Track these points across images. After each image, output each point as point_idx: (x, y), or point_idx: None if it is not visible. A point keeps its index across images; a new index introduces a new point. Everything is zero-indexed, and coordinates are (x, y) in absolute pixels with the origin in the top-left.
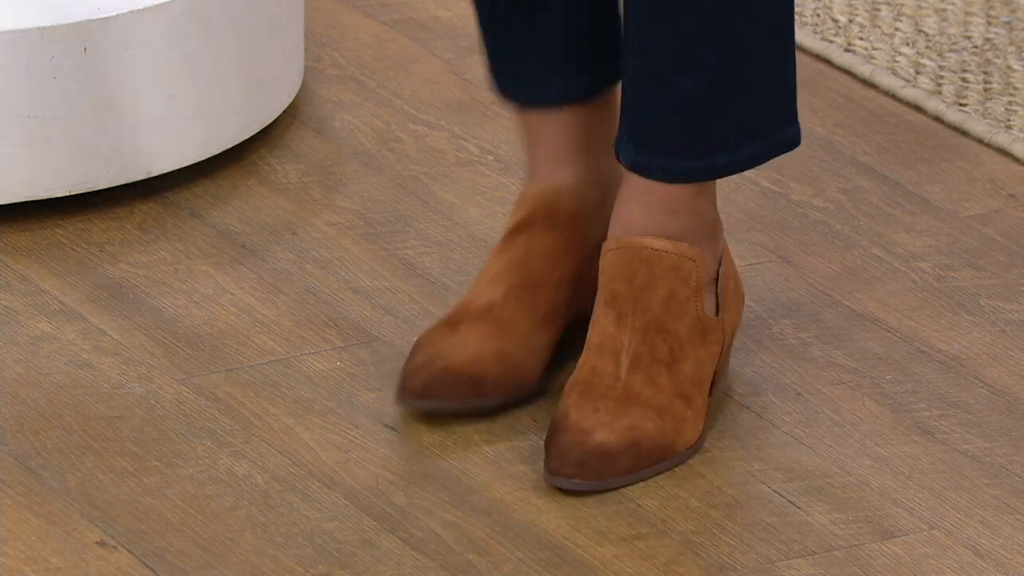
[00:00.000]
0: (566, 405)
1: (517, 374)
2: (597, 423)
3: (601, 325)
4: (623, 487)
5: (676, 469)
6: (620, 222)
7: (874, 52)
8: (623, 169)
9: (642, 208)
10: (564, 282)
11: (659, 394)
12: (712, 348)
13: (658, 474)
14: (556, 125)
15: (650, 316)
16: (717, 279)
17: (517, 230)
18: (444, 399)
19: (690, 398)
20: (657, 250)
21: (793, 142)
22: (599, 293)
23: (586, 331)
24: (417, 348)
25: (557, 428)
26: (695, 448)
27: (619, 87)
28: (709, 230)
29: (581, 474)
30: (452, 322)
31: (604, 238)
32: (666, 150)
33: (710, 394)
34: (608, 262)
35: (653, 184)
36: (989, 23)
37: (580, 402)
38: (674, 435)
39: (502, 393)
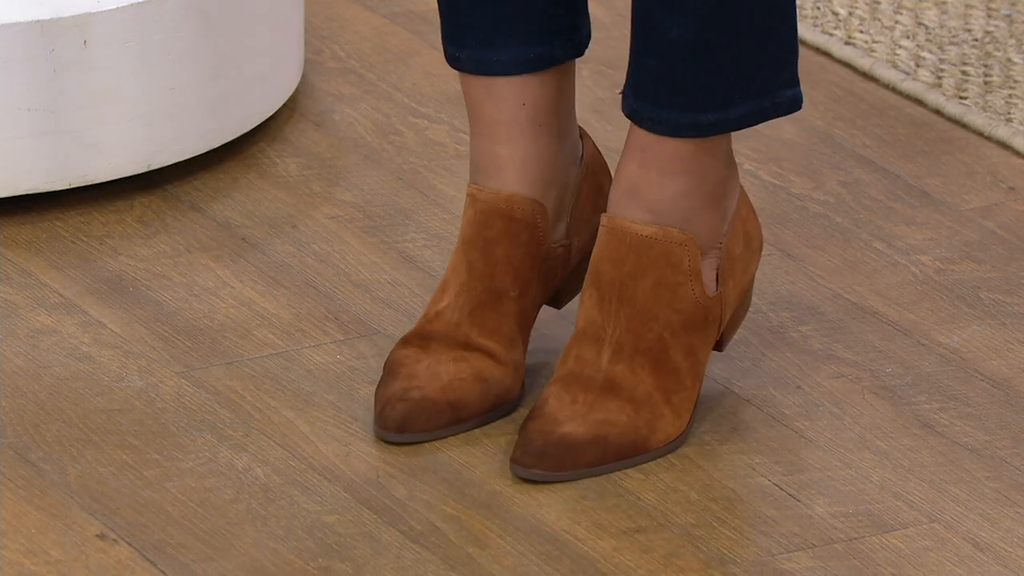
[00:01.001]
0: (547, 393)
1: (494, 394)
2: (571, 415)
3: (586, 308)
4: (583, 479)
5: (675, 462)
6: (618, 186)
7: (874, 45)
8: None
9: (640, 168)
10: (528, 287)
11: (639, 386)
12: (709, 329)
13: (630, 467)
14: (507, 100)
15: (636, 306)
16: (721, 246)
17: (475, 236)
18: (423, 430)
19: (671, 391)
20: (646, 237)
21: (792, 105)
22: (588, 272)
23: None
24: (391, 371)
25: (531, 416)
26: (675, 443)
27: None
28: (712, 191)
29: (540, 464)
30: (422, 339)
31: (571, 218)
32: (655, 100)
33: (722, 349)
34: (600, 238)
35: (650, 140)
36: (989, 16)
37: (560, 392)
38: (647, 431)
39: (481, 415)
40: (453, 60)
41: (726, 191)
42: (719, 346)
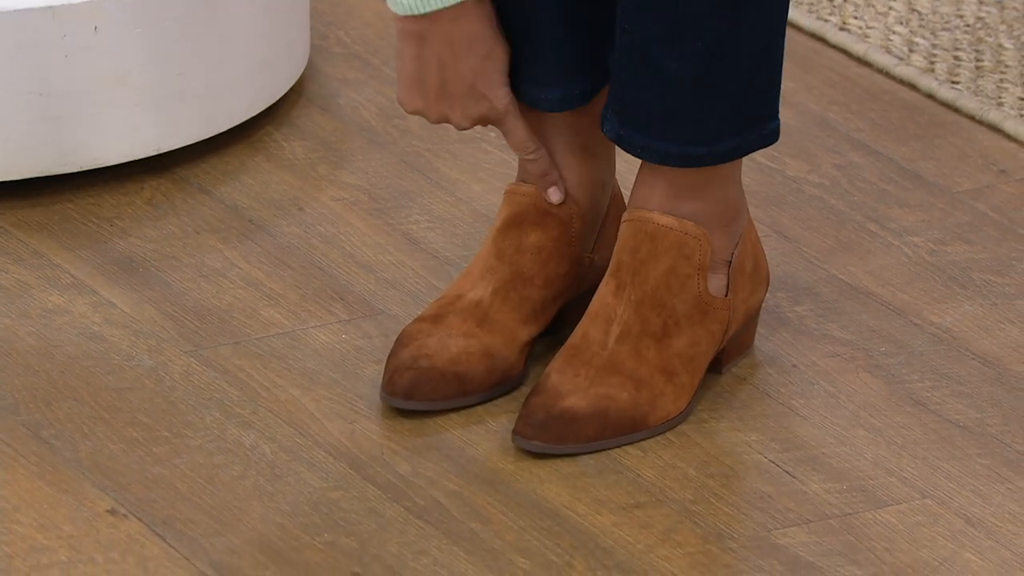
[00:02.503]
0: (551, 368)
1: (500, 371)
2: (573, 388)
3: (601, 293)
4: (585, 453)
5: (673, 439)
6: (634, 196)
7: (868, 31)
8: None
9: (650, 189)
10: (553, 280)
11: (642, 366)
12: (713, 327)
13: (629, 444)
14: (554, 127)
15: (647, 289)
16: (731, 261)
17: (508, 226)
18: (429, 399)
19: (674, 373)
20: (662, 225)
21: (771, 137)
22: (609, 265)
23: (572, 322)
24: (402, 342)
25: (535, 389)
26: (673, 422)
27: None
28: (722, 216)
29: (541, 436)
30: (437, 316)
31: (598, 237)
32: (646, 130)
33: (721, 371)
34: (620, 233)
35: (644, 170)
36: (981, 2)
37: (563, 366)
38: (648, 407)
39: (485, 390)
40: (515, 90)
41: (732, 218)
42: (718, 367)
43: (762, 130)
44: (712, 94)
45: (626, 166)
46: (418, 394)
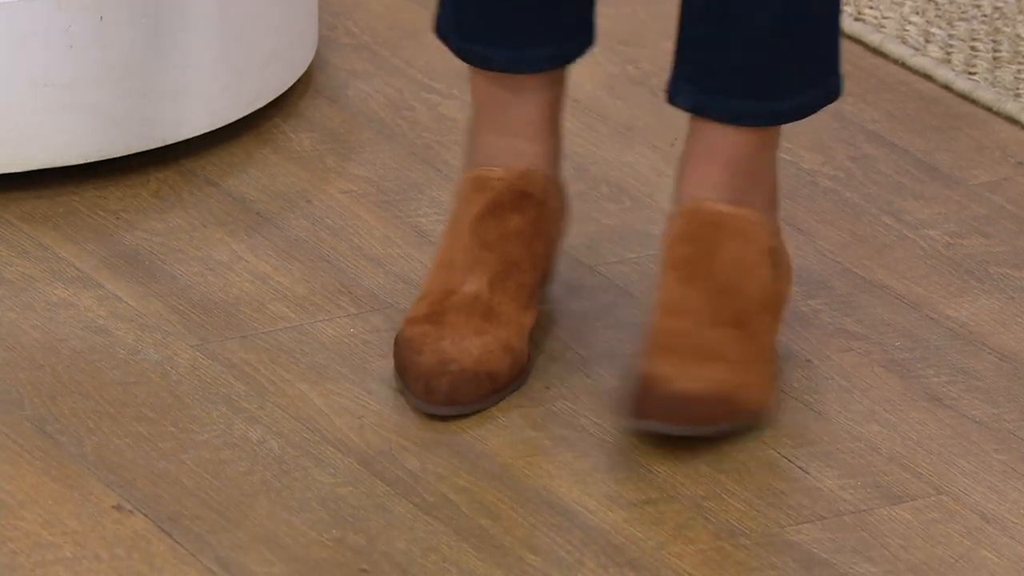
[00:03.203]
0: (645, 362)
1: (520, 363)
2: (680, 373)
3: (670, 288)
4: (711, 437)
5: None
6: (686, 187)
7: (884, 21)
8: (688, 133)
9: (706, 168)
10: (537, 262)
11: (737, 353)
12: (777, 315)
13: (745, 431)
14: (536, 93)
15: (720, 278)
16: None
17: (487, 213)
18: (469, 402)
19: (767, 361)
20: (723, 213)
21: (837, 91)
22: (663, 259)
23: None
24: (412, 348)
25: (640, 378)
26: (772, 408)
27: None
28: (770, 196)
29: (670, 418)
30: (434, 315)
31: (564, 210)
32: (730, 90)
33: None
34: (673, 227)
35: (717, 139)
36: None
37: (659, 357)
38: (756, 391)
39: (511, 383)
40: (483, 61)
41: (775, 199)
42: None
43: (831, 83)
44: (793, 43)
45: (637, 158)
46: (460, 398)
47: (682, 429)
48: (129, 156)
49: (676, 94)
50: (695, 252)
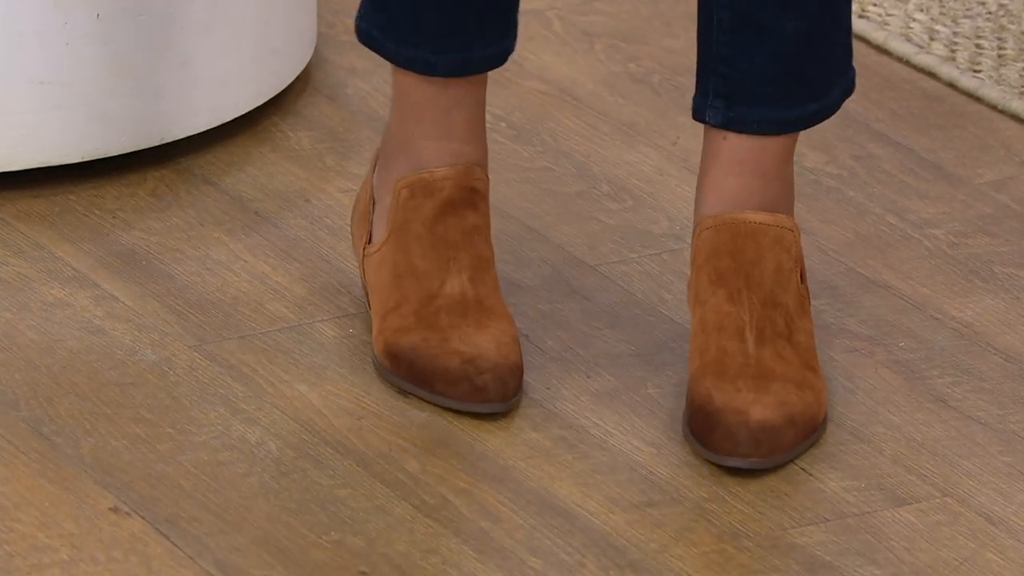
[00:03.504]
0: (704, 388)
1: (522, 353)
2: (748, 401)
3: (714, 304)
4: (789, 462)
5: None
6: (716, 197)
7: (888, 18)
8: (708, 143)
9: (739, 179)
10: (493, 254)
11: (790, 367)
12: (810, 319)
13: (811, 447)
14: (476, 94)
15: (765, 290)
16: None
17: (443, 213)
18: (515, 395)
19: (815, 369)
20: (760, 223)
21: (853, 83)
22: (699, 272)
23: None
24: (425, 355)
25: (709, 411)
26: (828, 416)
27: None
28: (792, 197)
29: (756, 453)
30: (426, 321)
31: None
32: (762, 101)
33: None
34: (707, 240)
35: (746, 150)
36: None
37: (718, 383)
38: (816, 405)
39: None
40: (426, 67)
41: (794, 199)
42: None
43: (850, 76)
44: (823, 45)
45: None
46: (508, 392)
47: (771, 461)
48: (126, 155)
49: (704, 112)
50: (738, 266)
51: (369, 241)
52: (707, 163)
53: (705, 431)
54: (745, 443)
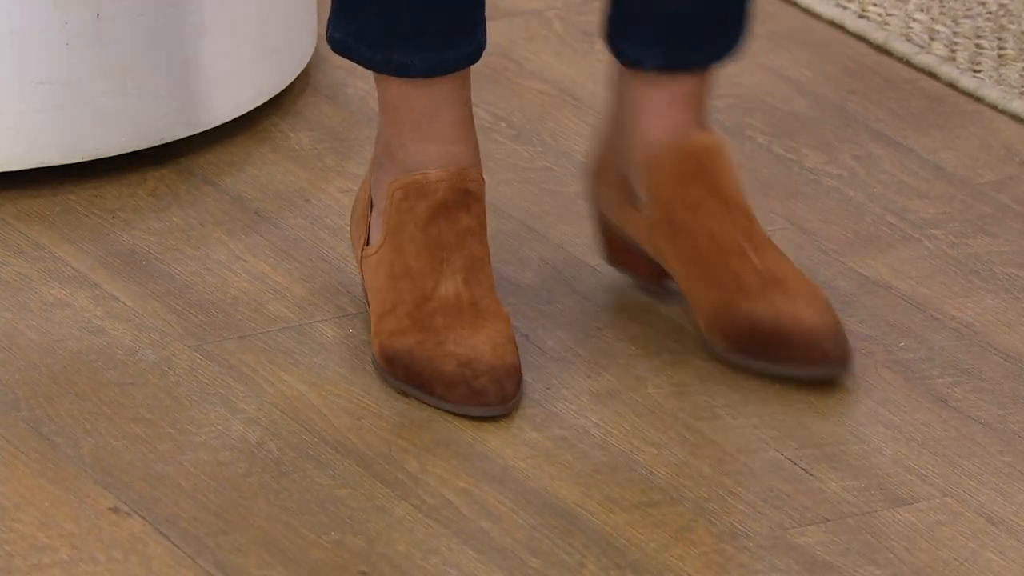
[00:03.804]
0: (748, 309)
1: (522, 353)
2: (803, 309)
3: (702, 228)
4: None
5: (688, 436)
6: (660, 129)
7: (888, 18)
8: (640, 87)
9: (684, 112)
10: (489, 255)
11: (791, 270)
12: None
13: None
14: (458, 94)
15: (740, 202)
16: None
17: (436, 215)
18: (514, 397)
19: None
20: (714, 144)
21: (750, 22)
22: (669, 203)
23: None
24: (420, 358)
25: (776, 327)
26: None
27: None
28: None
29: (842, 356)
30: (420, 323)
31: None
32: (700, 37)
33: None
34: (667, 169)
35: (678, 87)
36: None
37: (758, 300)
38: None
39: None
40: (401, 69)
41: None
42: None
43: (749, 18)
44: None
45: None
46: (507, 394)
47: (849, 364)
48: (126, 155)
49: (644, 61)
50: (710, 187)
51: (367, 243)
52: (647, 102)
53: (780, 349)
54: (833, 349)
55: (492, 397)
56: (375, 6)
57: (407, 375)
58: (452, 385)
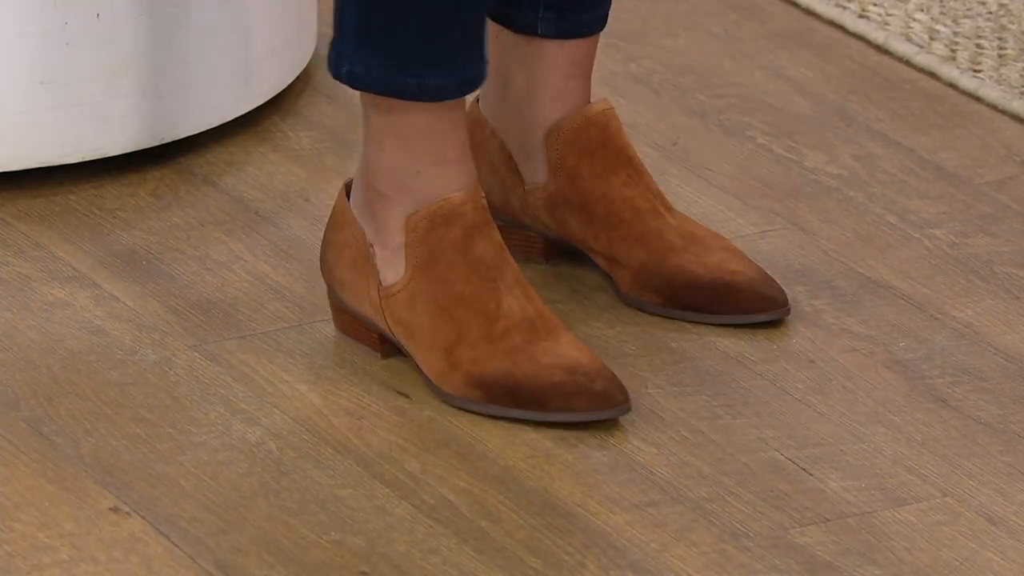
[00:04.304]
0: (684, 263)
1: None
2: (733, 262)
3: (617, 194)
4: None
5: (688, 436)
6: (561, 102)
7: (888, 18)
8: (540, 53)
9: (577, 80)
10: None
11: (701, 225)
12: None
13: None
14: (463, 116)
15: (643, 165)
16: None
17: (471, 237)
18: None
19: None
20: (611, 109)
21: None
22: (575, 172)
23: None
24: (529, 374)
25: (709, 282)
26: None
27: None
28: None
29: (783, 301)
30: (501, 343)
31: None
32: (589, 5)
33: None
34: (572, 142)
35: (582, 52)
36: None
37: (690, 255)
38: None
39: None
40: (435, 93)
41: None
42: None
43: None
44: None
45: None
46: (626, 392)
47: (788, 309)
48: (126, 155)
49: (536, 24)
50: (614, 153)
51: (380, 283)
52: (543, 73)
53: (726, 300)
54: (777, 294)
55: (618, 397)
56: (407, 31)
57: (512, 398)
58: (572, 395)
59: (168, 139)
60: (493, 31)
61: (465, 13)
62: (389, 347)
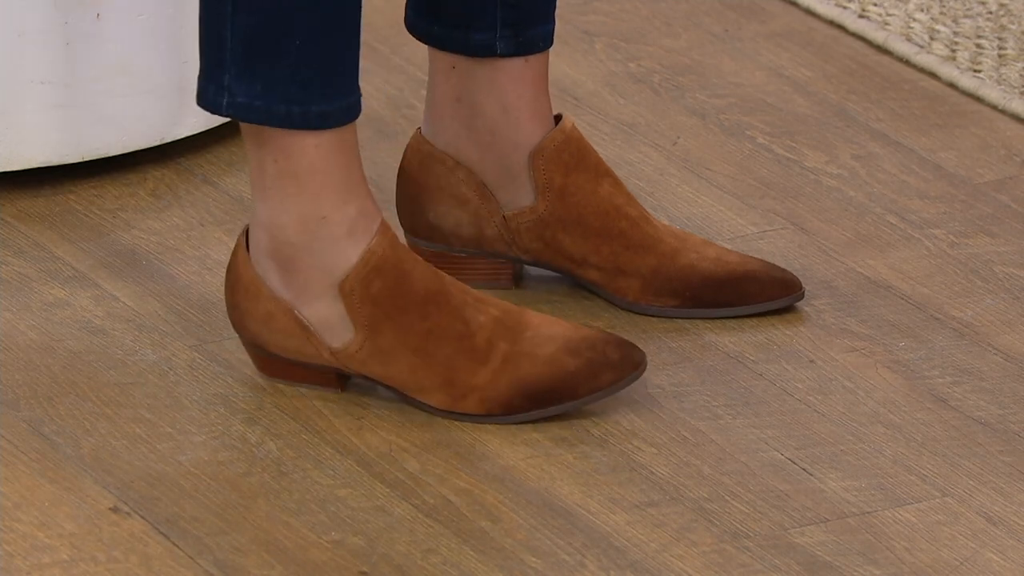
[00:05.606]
0: (687, 261)
1: None
2: (729, 256)
3: (610, 205)
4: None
5: (688, 436)
6: (537, 121)
7: (888, 18)
8: (504, 72)
9: (546, 96)
10: None
11: (678, 228)
12: None
13: None
14: (355, 141)
15: (610, 173)
16: None
17: (408, 275)
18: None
19: None
20: (574, 123)
21: None
22: (559, 189)
23: None
24: (544, 373)
25: (726, 276)
26: None
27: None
28: None
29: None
30: (496, 356)
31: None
32: (538, 19)
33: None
34: (554, 159)
35: (542, 66)
36: None
37: (686, 253)
38: None
39: None
40: (321, 119)
41: None
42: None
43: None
44: None
45: None
46: (636, 347)
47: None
48: (126, 154)
49: (495, 44)
50: (591, 164)
51: (330, 348)
52: (516, 93)
53: (748, 289)
54: (791, 279)
55: (635, 354)
56: (287, 58)
57: (549, 396)
58: (593, 375)
59: (168, 139)
60: (447, 62)
61: (340, 38)
62: (346, 380)
